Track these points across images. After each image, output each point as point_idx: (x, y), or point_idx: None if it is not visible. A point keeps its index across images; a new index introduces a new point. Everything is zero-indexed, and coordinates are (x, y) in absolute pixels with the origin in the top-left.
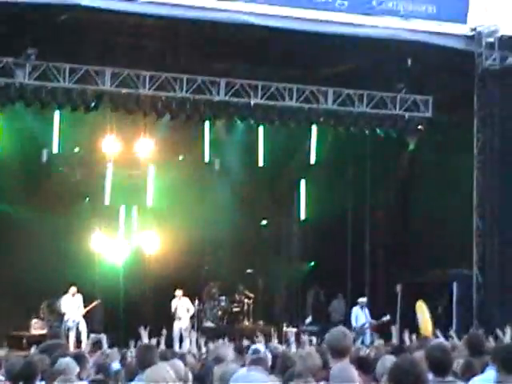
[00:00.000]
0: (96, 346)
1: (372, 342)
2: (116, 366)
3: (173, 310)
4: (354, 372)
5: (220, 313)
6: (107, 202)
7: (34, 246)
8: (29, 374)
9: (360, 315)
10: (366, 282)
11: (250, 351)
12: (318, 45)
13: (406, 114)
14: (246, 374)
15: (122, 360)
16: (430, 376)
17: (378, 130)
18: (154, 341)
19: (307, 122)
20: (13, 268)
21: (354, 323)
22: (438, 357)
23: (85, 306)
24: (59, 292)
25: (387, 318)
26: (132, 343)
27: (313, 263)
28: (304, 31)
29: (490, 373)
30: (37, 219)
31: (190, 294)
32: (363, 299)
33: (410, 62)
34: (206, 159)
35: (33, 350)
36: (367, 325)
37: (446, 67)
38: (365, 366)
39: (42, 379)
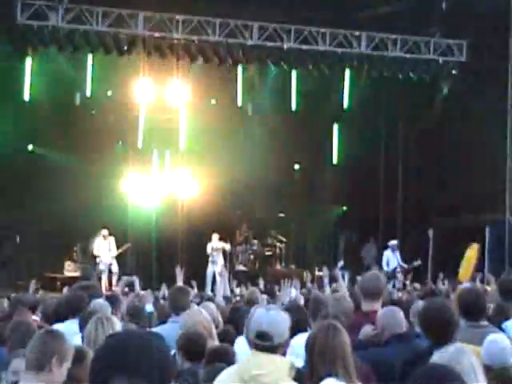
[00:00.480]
0: (128, 288)
1: (404, 286)
2: (149, 308)
3: (208, 252)
4: (401, 314)
5: (252, 256)
6: (140, 145)
7: (67, 188)
8: (62, 313)
9: (391, 259)
10: (398, 226)
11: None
12: None
13: (440, 59)
14: (264, 313)
15: (155, 302)
16: (462, 321)
17: (411, 75)
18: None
19: (340, 66)
20: (46, 211)
21: (385, 267)
22: (470, 300)
23: (117, 249)
24: (92, 235)
25: (418, 262)
26: (164, 285)
27: (345, 207)
28: None
29: None
30: (70, 162)
31: (223, 238)
32: (394, 242)
33: (444, 5)
34: (239, 103)
35: (65, 291)
36: (398, 269)
37: (482, 11)
38: None
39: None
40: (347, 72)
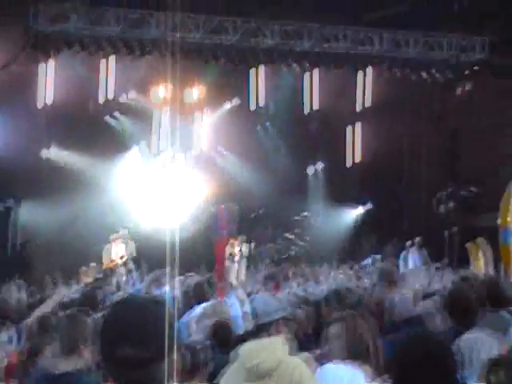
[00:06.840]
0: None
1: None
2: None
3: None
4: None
5: (275, 256)
6: (157, 148)
7: (85, 193)
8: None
9: (417, 258)
10: (422, 225)
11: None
12: None
13: (462, 56)
14: (260, 295)
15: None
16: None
17: (433, 72)
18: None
19: (361, 65)
20: (64, 215)
21: (410, 266)
22: (496, 291)
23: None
24: (108, 239)
25: (445, 261)
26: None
27: (367, 206)
28: None
29: None
30: (89, 166)
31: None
32: (418, 239)
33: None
34: (257, 104)
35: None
36: (424, 267)
37: (503, 8)
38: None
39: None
40: (368, 70)
